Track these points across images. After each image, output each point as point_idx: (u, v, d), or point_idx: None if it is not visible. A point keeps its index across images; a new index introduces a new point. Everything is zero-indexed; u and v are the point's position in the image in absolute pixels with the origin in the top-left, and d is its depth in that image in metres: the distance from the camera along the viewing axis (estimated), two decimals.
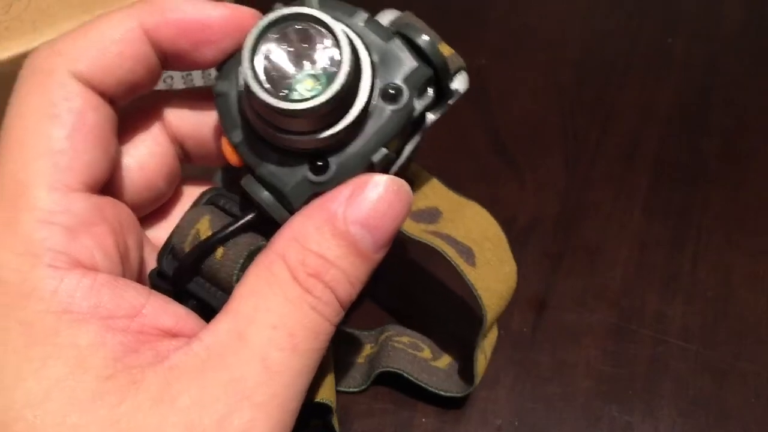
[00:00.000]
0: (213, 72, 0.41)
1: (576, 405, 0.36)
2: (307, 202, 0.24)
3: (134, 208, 0.26)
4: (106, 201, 0.24)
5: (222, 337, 0.22)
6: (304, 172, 0.24)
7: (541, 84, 0.48)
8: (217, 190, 0.27)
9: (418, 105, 0.25)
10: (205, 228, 0.25)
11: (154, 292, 0.23)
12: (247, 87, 0.22)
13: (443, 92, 0.26)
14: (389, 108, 0.24)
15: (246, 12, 0.25)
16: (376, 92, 0.24)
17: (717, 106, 0.47)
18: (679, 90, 0.48)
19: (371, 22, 0.24)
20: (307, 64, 0.22)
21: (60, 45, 0.24)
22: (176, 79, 0.41)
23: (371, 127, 0.24)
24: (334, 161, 0.24)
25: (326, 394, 0.28)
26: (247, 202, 0.25)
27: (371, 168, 0.24)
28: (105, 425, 0.20)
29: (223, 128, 0.24)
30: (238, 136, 0.24)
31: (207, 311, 0.24)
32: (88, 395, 0.20)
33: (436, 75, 0.25)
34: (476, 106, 0.47)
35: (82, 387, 0.20)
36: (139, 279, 0.25)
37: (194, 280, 0.25)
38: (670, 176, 0.43)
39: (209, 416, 0.21)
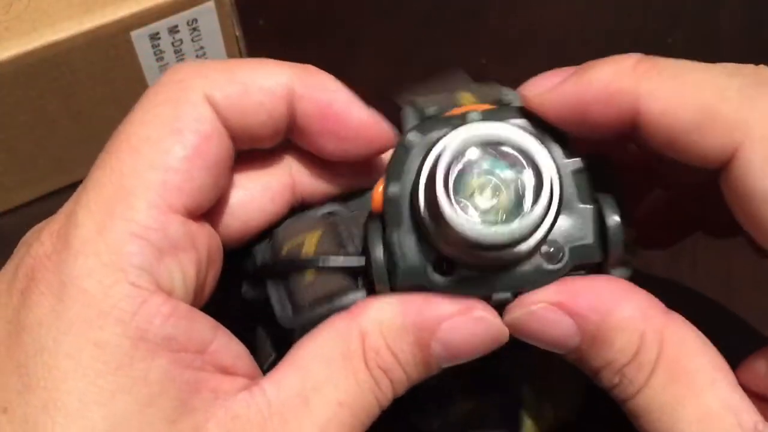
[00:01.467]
0: None
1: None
2: (410, 290, 0.23)
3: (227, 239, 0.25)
4: (202, 229, 0.23)
5: (287, 396, 0.22)
6: (426, 262, 0.23)
7: None
8: (342, 212, 0.26)
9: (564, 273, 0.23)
10: (312, 243, 0.25)
11: (220, 326, 0.23)
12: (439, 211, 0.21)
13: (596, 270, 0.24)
14: (545, 266, 0.23)
15: (385, 129, 0.25)
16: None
17: None
18: None
19: (578, 172, 0.23)
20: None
21: (206, 68, 0.23)
22: None
23: (514, 271, 0.23)
24: (461, 272, 0.23)
25: None
26: (363, 246, 0.24)
27: (488, 299, 0.23)
28: None
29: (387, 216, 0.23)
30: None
31: (260, 315, 0.24)
32: None
33: (603, 261, 0.23)
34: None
35: (152, 429, 0.20)
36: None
37: (274, 282, 0.25)
38: None
39: None
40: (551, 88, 0.23)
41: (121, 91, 0.39)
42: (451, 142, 0.21)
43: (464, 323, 0.22)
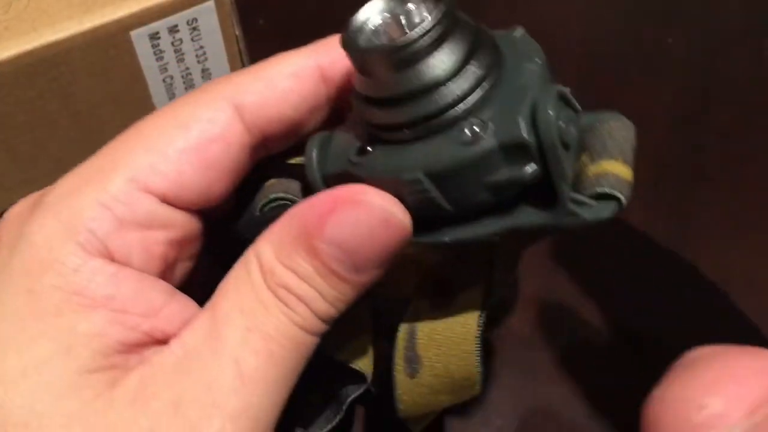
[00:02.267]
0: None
1: (577, 405, 0.36)
2: (338, 181, 0.22)
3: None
4: (180, 215, 0.23)
5: (199, 335, 0.21)
6: (351, 147, 0.22)
7: None
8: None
9: (503, 172, 0.20)
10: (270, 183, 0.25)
11: (178, 293, 0.23)
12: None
13: (558, 201, 0.20)
14: (462, 138, 0.20)
15: None
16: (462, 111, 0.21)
17: (717, 106, 0.47)
18: (679, 90, 0.48)
19: (531, 46, 0.22)
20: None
21: (235, 75, 0.24)
22: (176, 79, 0.41)
23: (424, 145, 0.21)
24: (377, 152, 0.22)
25: (362, 363, 0.26)
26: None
27: (399, 193, 0.21)
28: (72, 419, 0.19)
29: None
30: None
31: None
32: (64, 384, 0.20)
33: (543, 160, 0.20)
34: None
35: (61, 374, 0.20)
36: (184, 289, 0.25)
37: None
38: (669, 176, 0.43)
39: (178, 423, 0.20)
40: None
41: (121, 90, 0.39)
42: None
43: (347, 213, 0.21)
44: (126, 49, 0.38)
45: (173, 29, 0.38)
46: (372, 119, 0.22)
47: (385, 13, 0.23)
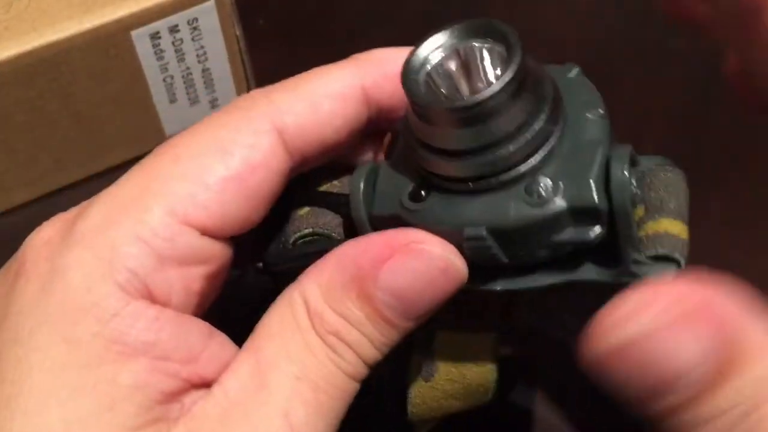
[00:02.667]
0: (217, 89, 0.41)
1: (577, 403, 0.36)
2: (387, 222, 0.21)
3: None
4: (218, 247, 0.22)
5: (244, 383, 0.20)
6: (403, 189, 0.21)
7: None
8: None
9: (568, 232, 0.20)
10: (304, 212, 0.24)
11: (215, 333, 0.21)
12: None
13: (618, 261, 0.20)
14: (527, 200, 0.19)
15: None
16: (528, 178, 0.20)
17: (717, 105, 0.47)
18: (680, 89, 0.48)
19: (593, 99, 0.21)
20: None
21: (275, 93, 0.22)
22: (176, 78, 0.41)
23: (488, 199, 0.20)
24: (435, 200, 0.20)
25: None
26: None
27: (456, 242, 0.20)
28: None
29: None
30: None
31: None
32: None
33: (611, 225, 0.20)
34: None
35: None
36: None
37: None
38: None
39: None
40: None
41: (121, 90, 0.39)
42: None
43: (404, 261, 0.20)
44: (126, 48, 0.38)
45: (174, 29, 0.38)
46: (430, 167, 0.21)
47: (446, 50, 0.21)
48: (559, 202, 0.19)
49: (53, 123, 0.39)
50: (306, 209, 0.24)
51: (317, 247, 0.22)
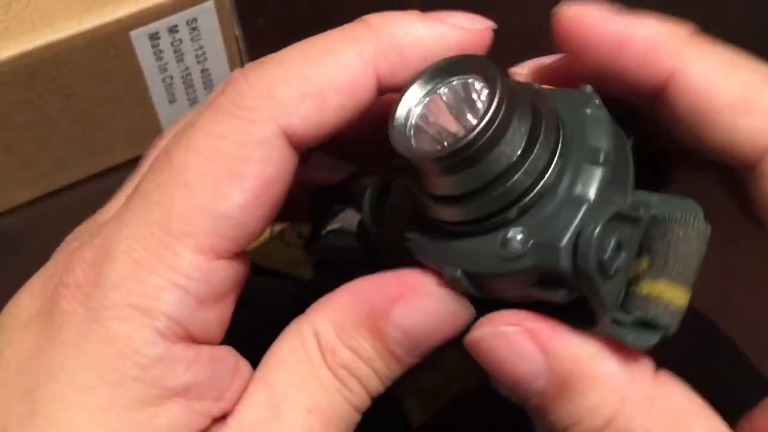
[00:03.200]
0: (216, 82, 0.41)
1: None
2: (390, 245, 0.22)
3: None
4: (244, 262, 0.21)
5: (258, 415, 0.21)
6: (405, 215, 0.21)
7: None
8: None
9: (537, 289, 0.19)
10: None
11: (240, 365, 0.21)
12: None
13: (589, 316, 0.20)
14: (500, 251, 0.19)
15: (484, 33, 0.22)
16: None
17: None
18: None
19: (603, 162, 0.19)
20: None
21: (276, 87, 0.20)
22: (176, 79, 0.41)
23: (466, 244, 0.20)
24: (426, 233, 0.21)
25: None
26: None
27: (453, 279, 0.21)
28: None
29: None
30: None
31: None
32: None
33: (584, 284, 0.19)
34: None
35: None
36: None
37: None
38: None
39: None
40: (593, 14, 0.21)
41: (121, 91, 0.39)
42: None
43: (418, 302, 0.21)
44: (126, 49, 0.38)
45: (173, 29, 0.38)
46: (420, 205, 0.21)
47: (428, 95, 0.21)
48: (528, 261, 0.19)
49: (53, 123, 0.39)
50: (341, 207, 0.25)
51: (340, 241, 0.24)
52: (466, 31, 0.22)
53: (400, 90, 0.21)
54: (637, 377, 0.20)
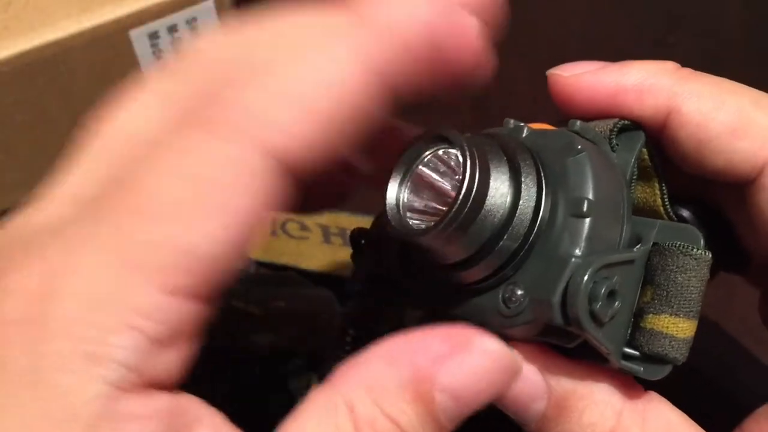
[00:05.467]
0: None
1: None
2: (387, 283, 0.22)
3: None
4: (209, 305, 0.18)
5: None
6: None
7: (541, 84, 0.48)
8: None
9: (545, 336, 0.20)
10: None
11: (204, 417, 0.19)
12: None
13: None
14: (502, 308, 0.20)
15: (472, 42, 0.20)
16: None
17: None
18: None
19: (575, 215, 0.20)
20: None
21: (247, 92, 0.17)
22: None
23: (473, 302, 0.21)
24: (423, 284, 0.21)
25: None
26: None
27: (492, 325, 0.20)
28: None
29: None
30: None
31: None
32: None
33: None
34: (476, 106, 0.46)
35: None
36: None
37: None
38: None
39: None
40: (587, 72, 0.23)
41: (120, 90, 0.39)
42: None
43: (469, 360, 0.19)
44: (125, 48, 0.38)
45: (172, 29, 0.38)
46: (427, 270, 0.22)
47: (411, 179, 0.21)
48: (529, 316, 0.20)
49: (53, 123, 0.39)
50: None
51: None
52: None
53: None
54: (630, 394, 0.20)
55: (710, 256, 0.20)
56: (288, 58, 0.17)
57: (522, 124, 0.22)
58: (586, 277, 0.19)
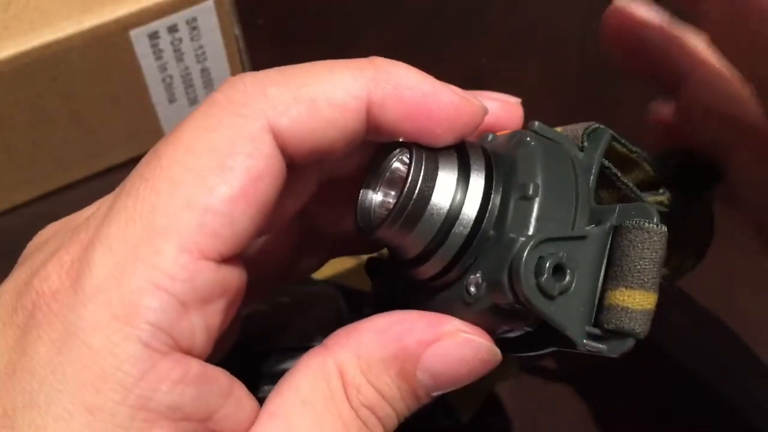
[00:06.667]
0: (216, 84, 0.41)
1: (576, 404, 0.36)
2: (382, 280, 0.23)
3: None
4: (235, 272, 0.20)
5: None
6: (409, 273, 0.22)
7: (541, 84, 0.48)
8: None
9: (509, 324, 0.21)
10: None
11: (234, 387, 0.20)
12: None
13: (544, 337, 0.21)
14: (465, 297, 0.21)
15: (477, 104, 0.22)
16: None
17: None
18: None
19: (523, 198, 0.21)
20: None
21: (268, 85, 0.20)
22: (175, 78, 0.41)
23: (441, 296, 0.22)
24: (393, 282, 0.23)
25: None
26: None
27: (460, 305, 0.21)
28: None
29: None
30: None
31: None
32: None
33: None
34: None
35: None
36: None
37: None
38: None
39: None
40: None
41: (120, 90, 0.39)
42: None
43: (451, 348, 0.21)
44: (125, 48, 0.38)
45: (173, 29, 0.38)
46: (402, 271, 0.23)
47: (382, 186, 0.22)
48: (487, 301, 0.20)
49: (53, 123, 0.39)
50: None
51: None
52: (455, 100, 0.22)
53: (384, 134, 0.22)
54: None
55: (665, 229, 0.20)
56: (307, 71, 0.21)
57: (487, 132, 0.23)
58: (527, 251, 0.19)
